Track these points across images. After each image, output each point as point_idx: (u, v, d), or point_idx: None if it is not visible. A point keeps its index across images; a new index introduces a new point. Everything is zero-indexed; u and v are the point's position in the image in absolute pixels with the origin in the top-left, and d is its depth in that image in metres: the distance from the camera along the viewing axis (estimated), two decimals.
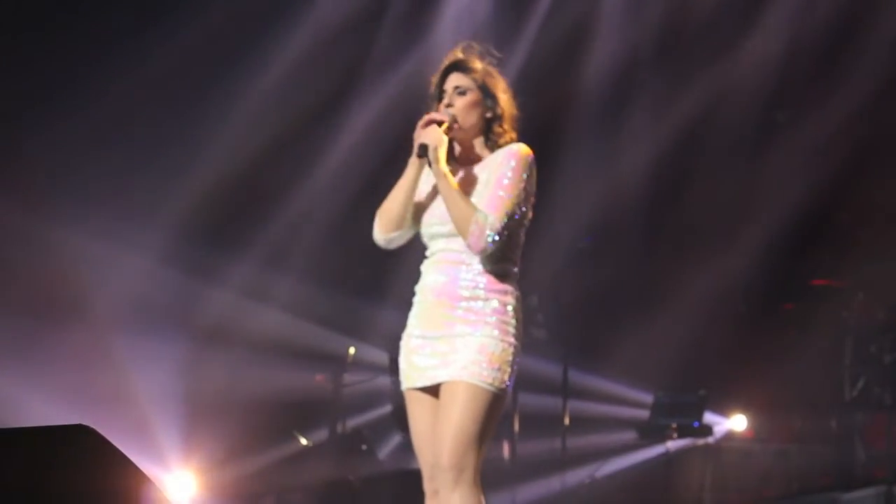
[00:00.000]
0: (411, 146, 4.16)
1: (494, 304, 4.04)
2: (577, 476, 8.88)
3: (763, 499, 8.62)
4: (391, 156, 4.39)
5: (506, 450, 8.57)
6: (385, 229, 4.23)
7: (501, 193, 4.03)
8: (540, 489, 8.80)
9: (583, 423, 9.13)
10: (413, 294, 4.21)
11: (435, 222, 4.15)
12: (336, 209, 8.79)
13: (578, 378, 9.12)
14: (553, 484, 8.73)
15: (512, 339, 4.04)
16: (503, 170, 4.07)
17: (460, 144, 4.22)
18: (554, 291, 9.08)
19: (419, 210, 4.22)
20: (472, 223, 4.00)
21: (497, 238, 4.00)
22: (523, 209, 4.07)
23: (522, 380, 8.40)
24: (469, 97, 4.18)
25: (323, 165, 8.81)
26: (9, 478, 3.62)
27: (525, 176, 4.08)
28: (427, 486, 4.05)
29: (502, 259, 4.09)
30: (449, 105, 4.18)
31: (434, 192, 4.19)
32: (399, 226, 4.21)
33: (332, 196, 8.80)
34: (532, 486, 8.72)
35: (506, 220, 4.01)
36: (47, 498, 3.61)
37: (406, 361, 4.15)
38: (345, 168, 8.75)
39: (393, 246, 4.27)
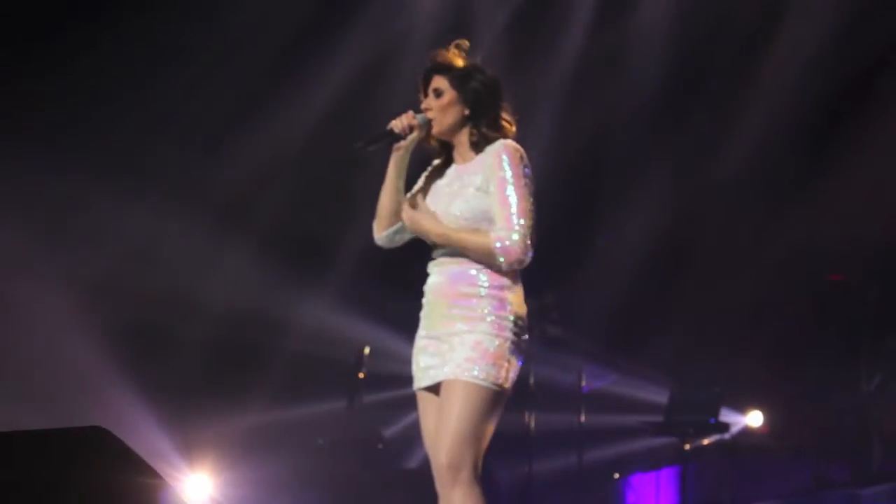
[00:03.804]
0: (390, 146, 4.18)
1: (492, 300, 4.03)
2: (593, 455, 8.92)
3: (780, 495, 8.59)
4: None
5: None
6: (378, 229, 4.28)
7: (511, 199, 4.02)
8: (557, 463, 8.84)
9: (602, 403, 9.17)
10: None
11: None
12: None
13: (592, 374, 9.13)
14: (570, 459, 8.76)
15: (509, 335, 4.02)
16: (501, 174, 4.05)
17: (449, 145, 4.23)
18: (570, 288, 9.08)
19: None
20: (495, 251, 3.99)
21: (530, 246, 3.99)
22: (532, 204, 4.06)
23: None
24: (444, 98, 4.16)
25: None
26: (25, 479, 3.63)
27: (523, 171, 4.07)
28: (438, 485, 4.05)
29: None
30: (426, 108, 4.18)
31: (432, 193, 4.20)
32: (390, 223, 4.24)
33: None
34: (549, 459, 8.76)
35: (528, 223, 4.00)
36: (63, 499, 3.63)
37: (414, 362, 4.17)
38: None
39: (393, 244, 4.30)
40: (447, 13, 8.89)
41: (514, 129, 4.21)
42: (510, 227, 4.00)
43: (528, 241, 4.00)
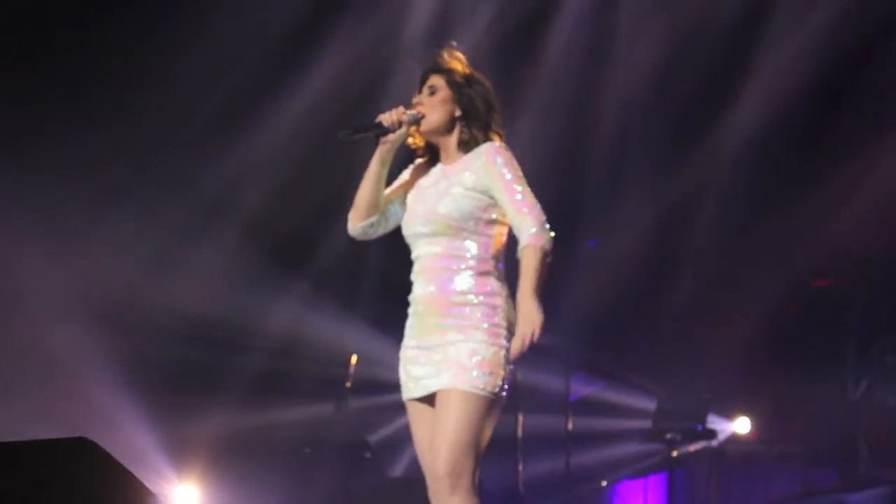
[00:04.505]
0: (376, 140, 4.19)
1: (484, 307, 4.03)
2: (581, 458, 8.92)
3: (768, 502, 8.60)
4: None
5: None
6: (353, 219, 4.27)
7: (518, 189, 4.04)
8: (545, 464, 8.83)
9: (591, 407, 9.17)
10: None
11: (417, 223, 4.16)
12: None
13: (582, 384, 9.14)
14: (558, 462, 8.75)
15: (504, 342, 4.02)
16: (498, 170, 4.07)
17: (436, 144, 4.24)
18: (557, 294, 9.07)
19: (396, 201, 4.25)
20: (545, 249, 3.99)
21: (548, 226, 4.01)
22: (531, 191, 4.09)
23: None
24: (438, 96, 4.19)
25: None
26: (10, 492, 3.61)
27: (518, 169, 4.10)
28: (431, 495, 4.04)
29: (488, 259, 4.09)
30: (418, 104, 4.20)
31: (415, 192, 4.21)
32: (367, 215, 4.23)
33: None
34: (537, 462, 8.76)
35: (539, 206, 4.03)
36: None
37: (404, 372, 4.15)
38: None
39: (367, 237, 4.29)
40: (432, 16, 8.89)
41: (501, 138, 4.23)
42: (537, 222, 4.01)
43: (548, 227, 4.03)
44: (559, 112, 9.19)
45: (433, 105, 4.19)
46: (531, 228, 4.00)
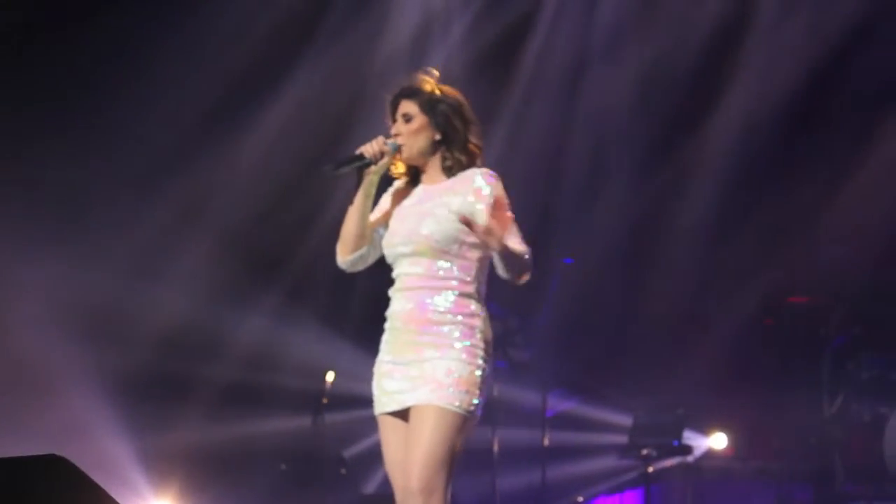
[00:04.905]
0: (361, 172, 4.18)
1: (462, 327, 4.04)
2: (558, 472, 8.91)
3: None
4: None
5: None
6: (342, 252, 4.27)
7: (511, 225, 4.08)
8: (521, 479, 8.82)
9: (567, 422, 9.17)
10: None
11: (398, 242, 4.16)
12: None
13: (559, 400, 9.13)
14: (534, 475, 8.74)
15: (480, 363, 4.04)
16: (487, 201, 4.07)
17: (418, 169, 4.24)
18: (535, 312, 9.08)
19: (380, 228, 4.24)
20: (529, 263, 4.05)
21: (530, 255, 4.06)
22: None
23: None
24: (414, 123, 4.19)
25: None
26: None
27: (503, 192, 4.11)
28: None
29: (469, 281, 4.09)
30: (396, 134, 4.20)
31: (397, 213, 4.20)
32: (356, 247, 4.23)
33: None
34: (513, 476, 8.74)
35: (521, 235, 4.06)
36: None
37: (377, 387, 4.16)
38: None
39: (357, 268, 4.31)
40: (408, 33, 8.90)
41: (480, 151, 4.23)
42: (522, 244, 4.06)
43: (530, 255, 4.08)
44: (535, 127, 9.20)
45: (411, 133, 4.19)
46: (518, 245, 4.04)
